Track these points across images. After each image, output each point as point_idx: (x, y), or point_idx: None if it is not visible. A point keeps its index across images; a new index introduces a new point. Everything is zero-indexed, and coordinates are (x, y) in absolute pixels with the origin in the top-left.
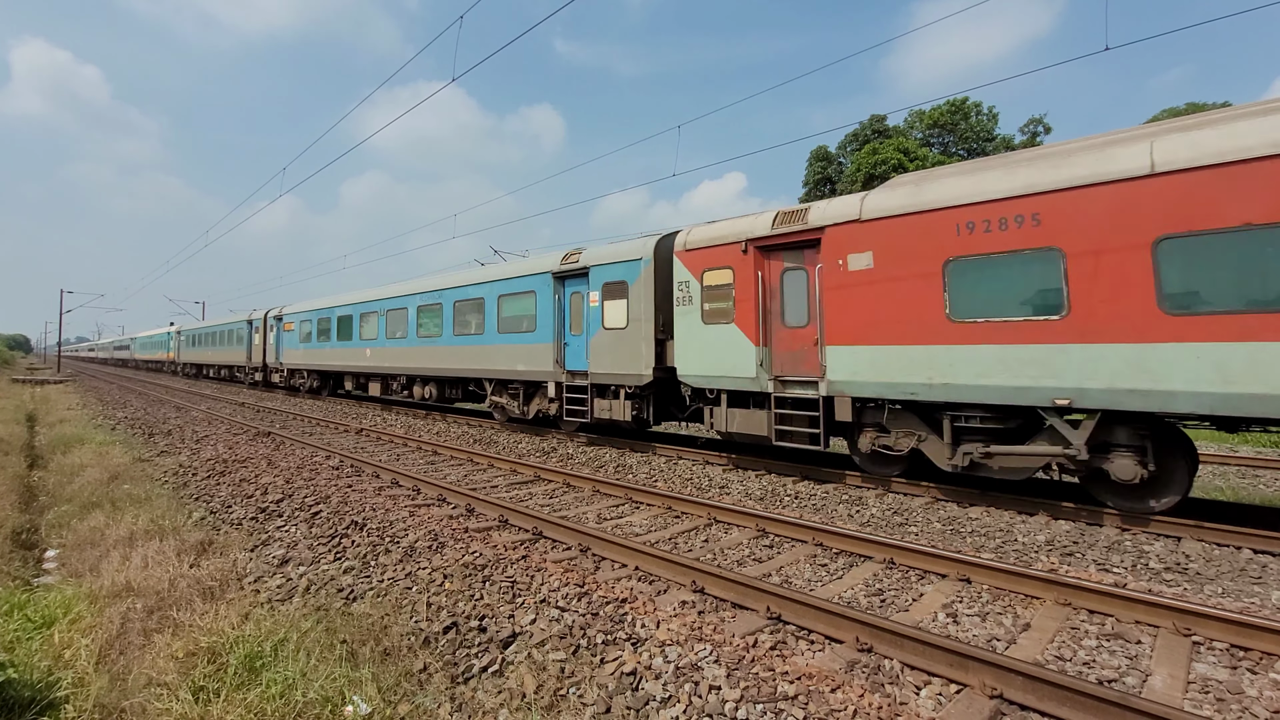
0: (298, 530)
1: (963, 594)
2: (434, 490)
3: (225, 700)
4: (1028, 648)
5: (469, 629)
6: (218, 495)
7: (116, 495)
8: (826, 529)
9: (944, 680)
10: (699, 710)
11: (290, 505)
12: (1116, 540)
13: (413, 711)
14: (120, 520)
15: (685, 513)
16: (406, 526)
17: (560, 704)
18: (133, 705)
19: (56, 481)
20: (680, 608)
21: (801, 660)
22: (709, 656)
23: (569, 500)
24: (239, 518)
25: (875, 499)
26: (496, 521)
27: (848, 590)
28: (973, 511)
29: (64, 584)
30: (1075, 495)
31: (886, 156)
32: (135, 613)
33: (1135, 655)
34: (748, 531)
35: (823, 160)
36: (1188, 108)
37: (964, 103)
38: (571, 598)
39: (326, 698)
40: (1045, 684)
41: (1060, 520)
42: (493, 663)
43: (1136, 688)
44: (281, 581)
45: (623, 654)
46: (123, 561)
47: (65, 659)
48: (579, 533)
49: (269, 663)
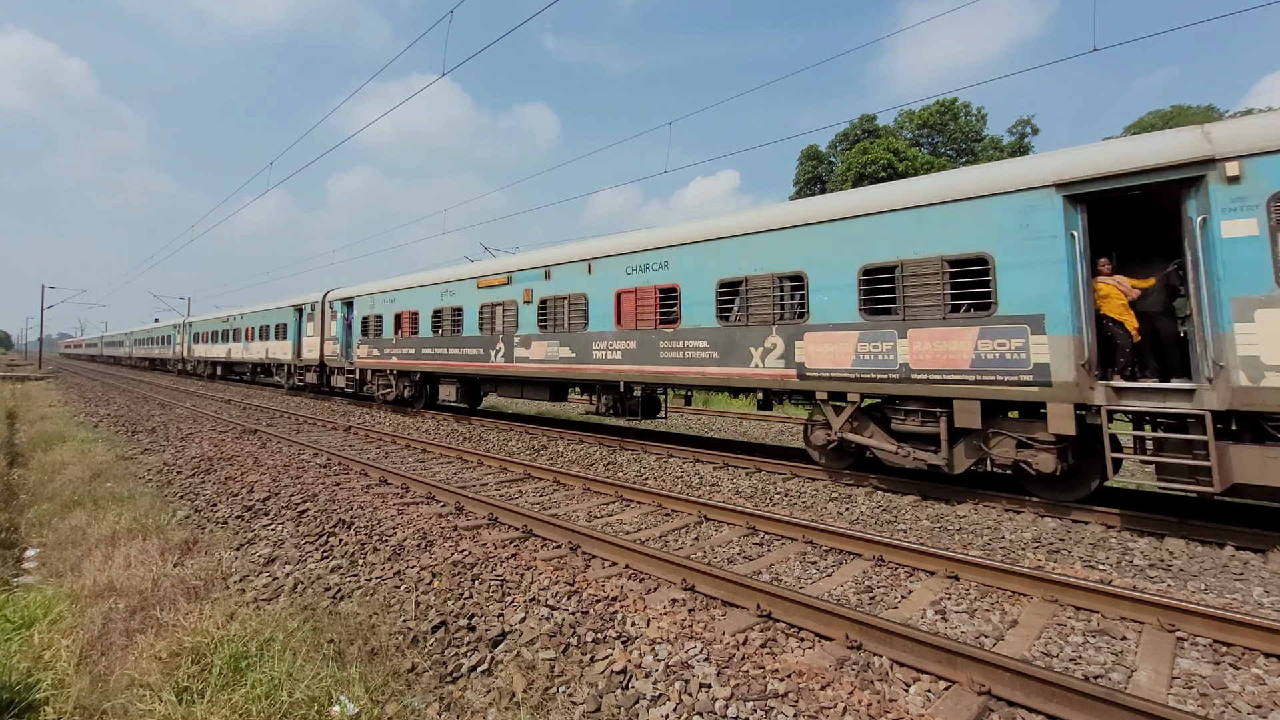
0: (284, 529)
1: (951, 591)
2: (423, 488)
3: (209, 701)
4: (1015, 644)
5: (458, 628)
6: (202, 494)
7: (98, 494)
8: (816, 526)
9: (933, 677)
10: (689, 708)
11: (277, 504)
12: (1102, 537)
13: (400, 711)
14: (102, 519)
15: (675, 510)
16: (395, 525)
17: (550, 703)
18: (114, 706)
19: (37, 480)
20: (670, 606)
21: (791, 658)
22: (699, 654)
23: (559, 498)
24: (224, 516)
25: (865, 497)
26: (486, 519)
27: (837, 588)
28: (961, 509)
29: (44, 584)
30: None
31: (876, 156)
32: (117, 613)
33: (1121, 651)
34: (738, 529)
35: (813, 159)
36: (1173, 110)
37: (953, 103)
38: (561, 596)
39: (313, 698)
40: (1032, 680)
41: (1047, 518)
42: (482, 662)
43: (1122, 683)
44: (267, 581)
45: (613, 652)
46: (105, 561)
47: (45, 660)
48: (569, 531)
49: (254, 663)
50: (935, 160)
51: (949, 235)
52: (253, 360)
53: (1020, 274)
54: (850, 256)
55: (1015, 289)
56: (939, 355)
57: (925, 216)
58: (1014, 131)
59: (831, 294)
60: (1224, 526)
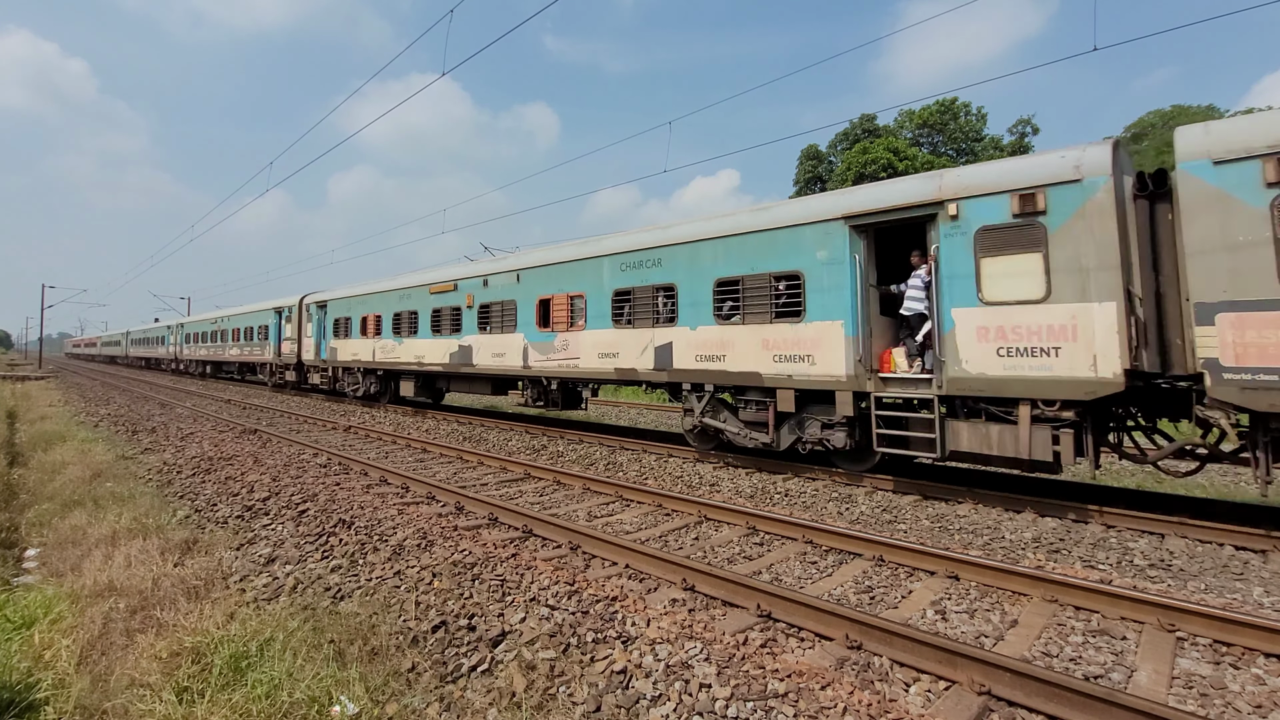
0: (284, 529)
1: (951, 591)
2: (423, 488)
3: (210, 701)
4: (1015, 644)
5: (458, 628)
6: (203, 493)
7: (99, 493)
8: (816, 526)
9: (933, 677)
10: (689, 708)
11: (277, 503)
12: (1102, 537)
13: (401, 711)
14: (102, 519)
15: (675, 510)
16: (395, 525)
17: (550, 703)
18: (114, 706)
19: (37, 479)
20: (670, 605)
21: (791, 658)
22: (699, 654)
23: (559, 498)
24: (224, 516)
25: (865, 496)
26: (486, 519)
27: (837, 587)
28: (961, 509)
29: (44, 584)
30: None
31: (876, 156)
32: (118, 612)
33: (1121, 651)
34: (738, 529)
35: (813, 159)
36: (1173, 110)
37: (953, 103)
38: (561, 596)
39: (313, 698)
40: (1032, 680)
41: (1047, 517)
42: (482, 662)
43: (1122, 683)
44: (268, 580)
45: (613, 652)
46: (105, 560)
47: (45, 660)
48: (569, 531)
49: (254, 663)
50: (935, 160)
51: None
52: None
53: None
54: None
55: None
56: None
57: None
58: (1014, 131)
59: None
60: (1224, 527)
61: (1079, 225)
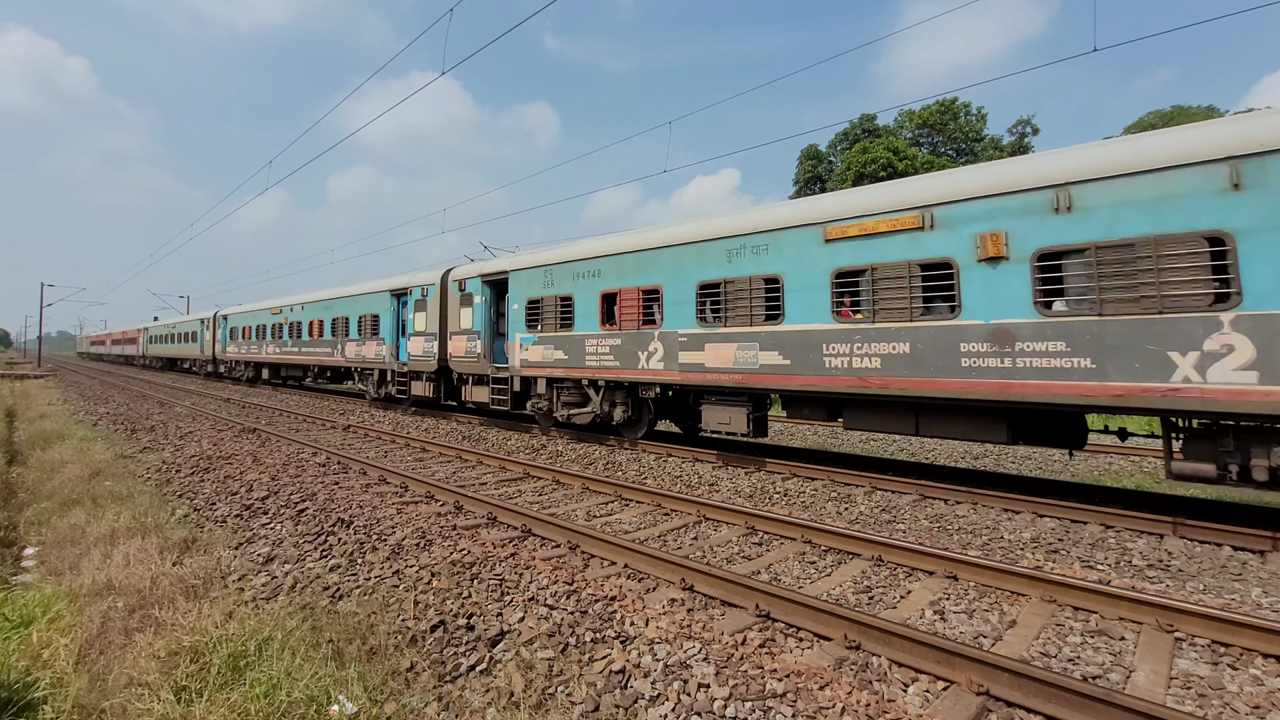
0: (283, 528)
1: (950, 591)
2: (422, 487)
3: (208, 700)
4: (1014, 644)
5: (457, 627)
6: (201, 492)
7: (97, 492)
8: (815, 526)
9: (931, 677)
10: (688, 708)
11: (276, 502)
12: (1101, 538)
13: (399, 711)
14: (101, 517)
15: (674, 510)
16: (394, 524)
17: (549, 702)
18: (113, 705)
19: (36, 478)
20: (669, 605)
21: (790, 658)
22: (698, 654)
23: (558, 498)
24: (223, 515)
25: (864, 496)
26: (485, 519)
27: (836, 588)
28: (960, 509)
29: (43, 582)
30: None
31: (877, 155)
32: (116, 611)
33: (1119, 651)
34: (737, 529)
35: (813, 159)
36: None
37: (953, 103)
38: (560, 595)
39: (311, 697)
40: (1031, 680)
41: (1045, 518)
42: (480, 661)
43: (1120, 684)
44: (266, 580)
45: (611, 652)
46: (103, 559)
47: (44, 659)
48: (568, 530)
49: (253, 662)
50: (935, 160)
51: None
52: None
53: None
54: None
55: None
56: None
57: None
58: (1014, 131)
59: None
60: (1223, 527)
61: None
